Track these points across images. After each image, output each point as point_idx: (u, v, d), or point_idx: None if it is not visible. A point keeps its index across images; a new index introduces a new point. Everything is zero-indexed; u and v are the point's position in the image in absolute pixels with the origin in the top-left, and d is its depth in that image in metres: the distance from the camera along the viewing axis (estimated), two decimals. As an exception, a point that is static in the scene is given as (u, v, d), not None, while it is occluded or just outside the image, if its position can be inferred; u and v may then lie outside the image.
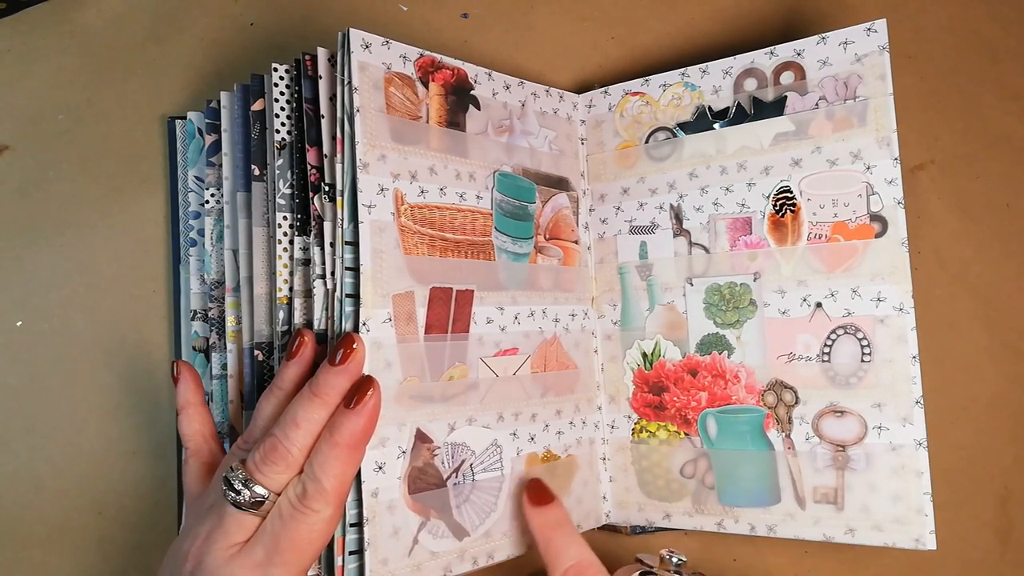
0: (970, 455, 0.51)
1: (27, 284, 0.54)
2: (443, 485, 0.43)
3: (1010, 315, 0.52)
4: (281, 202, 0.44)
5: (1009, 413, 0.51)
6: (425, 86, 0.45)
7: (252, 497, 0.37)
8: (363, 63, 0.41)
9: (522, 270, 0.48)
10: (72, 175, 0.55)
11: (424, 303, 0.43)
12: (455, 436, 0.44)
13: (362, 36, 0.42)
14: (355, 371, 0.39)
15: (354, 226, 0.41)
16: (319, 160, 0.43)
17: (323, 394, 0.38)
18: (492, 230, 0.47)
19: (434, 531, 0.42)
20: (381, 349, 0.41)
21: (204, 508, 0.39)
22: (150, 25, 0.57)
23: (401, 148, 0.43)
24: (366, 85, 0.41)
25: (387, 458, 0.41)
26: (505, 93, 0.49)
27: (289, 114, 0.45)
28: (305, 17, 0.57)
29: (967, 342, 0.51)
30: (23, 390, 0.53)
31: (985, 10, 0.54)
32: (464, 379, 0.44)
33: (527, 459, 0.47)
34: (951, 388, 0.51)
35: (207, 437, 0.44)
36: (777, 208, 0.48)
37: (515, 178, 0.48)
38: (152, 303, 0.54)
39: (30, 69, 0.56)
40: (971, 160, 0.53)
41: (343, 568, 0.39)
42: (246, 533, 0.37)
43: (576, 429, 0.50)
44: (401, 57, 0.44)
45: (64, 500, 0.52)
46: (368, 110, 0.41)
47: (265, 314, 0.45)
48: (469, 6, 0.57)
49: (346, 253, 0.41)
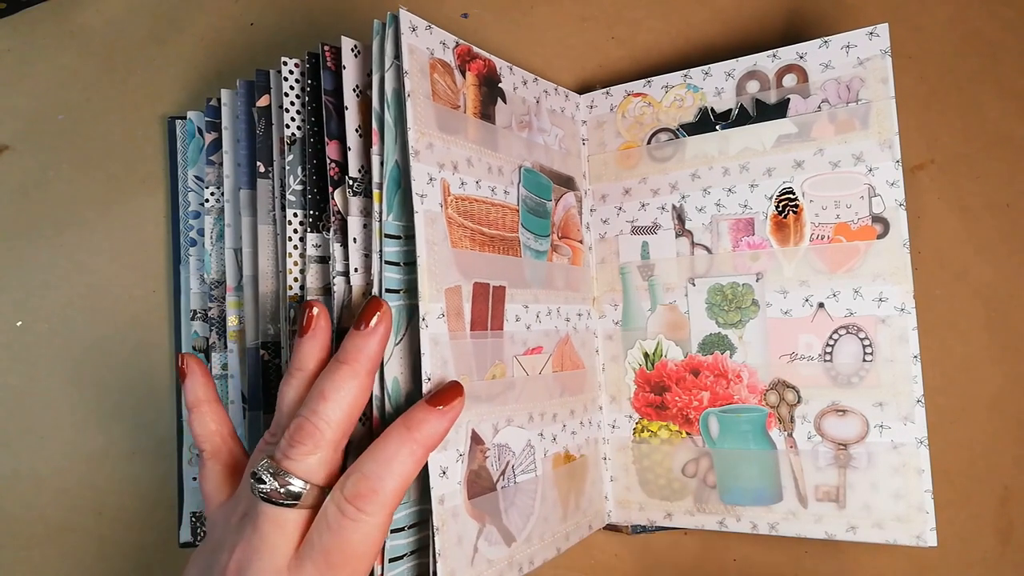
0: (971, 455, 0.51)
1: (27, 284, 0.54)
2: (494, 489, 0.41)
3: (1010, 315, 0.52)
4: (291, 198, 0.43)
5: (1009, 413, 0.51)
6: (463, 75, 0.43)
7: (284, 486, 0.33)
8: (412, 46, 0.40)
9: (542, 268, 0.48)
10: (72, 175, 0.55)
11: (469, 298, 0.41)
12: (499, 437, 0.42)
13: (410, 18, 0.40)
14: (384, 333, 0.35)
15: (397, 218, 0.39)
16: (341, 154, 0.41)
17: (352, 360, 0.35)
18: (519, 226, 0.46)
19: (489, 538, 0.40)
20: (438, 345, 0.38)
21: (236, 517, 0.35)
22: (150, 25, 0.57)
23: (445, 137, 0.41)
24: (415, 69, 0.39)
25: (449, 462, 0.38)
26: (523, 88, 0.48)
27: (299, 109, 0.44)
28: (305, 17, 0.57)
29: (968, 342, 0.51)
30: (23, 390, 0.53)
31: (985, 10, 0.54)
32: (504, 378, 0.43)
33: (553, 459, 0.46)
34: (952, 388, 0.51)
35: (225, 437, 0.39)
36: (780, 209, 0.49)
37: (537, 174, 0.48)
38: (152, 303, 0.54)
39: (30, 69, 0.56)
40: (971, 160, 0.53)
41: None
42: (287, 535, 0.33)
43: (585, 429, 0.50)
44: (441, 44, 0.42)
45: (64, 500, 0.52)
46: (417, 95, 0.39)
47: (271, 313, 0.44)
48: (469, 6, 0.57)
49: (386, 247, 0.38)
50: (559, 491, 0.47)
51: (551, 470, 0.46)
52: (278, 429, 0.36)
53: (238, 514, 0.35)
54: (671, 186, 0.51)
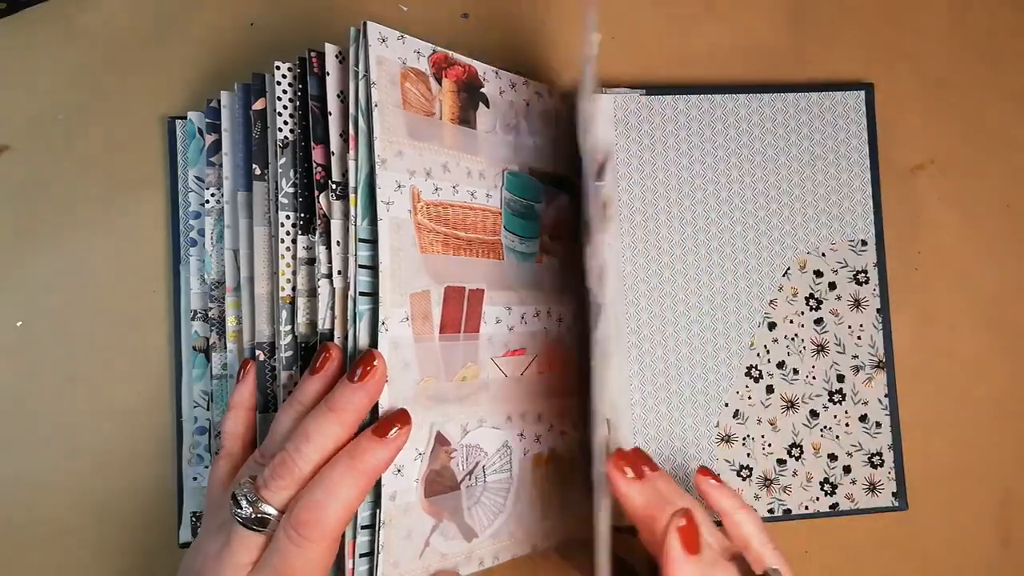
0: (970, 455, 0.51)
1: (27, 284, 0.54)
2: (457, 488, 0.43)
3: (1011, 315, 0.52)
4: (284, 201, 0.43)
5: (1009, 413, 0.51)
6: (439, 82, 0.44)
7: (256, 514, 0.36)
8: (381, 57, 0.41)
9: (529, 270, 0.48)
10: (72, 175, 0.55)
11: (439, 302, 0.42)
12: (469, 438, 0.43)
13: (379, 29, 0.41)
14: (374, 389, 0.38)
15: (371, 223, 0.40)
16: (325, 158, 0.42)
17: (339, 409, 0.37)
18: (501, 229, 0.47)
19: (445, 533, 0.42)
20: (399, 349, 0.40)
21: (216, 523, 0.38)
22: (150, 25, 0.57)
23: (417, 144, 0.42)
24: (384, 80, 0.41)
25: (405, 460, 0.40)
26: (511, 91, 0.48)
27: (292, 112, 0.44)
28: (305, 17, 0.57)
29: (967, 342, 0.51)
30: (23, 390, 0.53)
31: (985, 11, 0.54)
32: (476, 379, 0.44)
33: (533, 459, 0.47)
34: (951, 388, 0.51)
35: (246, 443, 0.43)
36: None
37: (523, 177, 0.48)
38: (152, 303, 0.54)
39: (30, 69, 0.56)
40: (971, 160, 0.53)
41: (353, 571, 0.39)
42: (251, 554, 0.36)
43: (579, 430, 0.50)
44: (415, 52, 0.43)
45: (64, 500, 0.52)
46: (386, 105, 0.41)
47: (267, 314, 0.45)
48: (469, 6, 0.57)
49: (360, 251, 0.40)
50: (538, 490, 0.47)
51: (530, 470, 0.46)
52: (267, 451, 0.39)
53: (219, 521, 0.38)
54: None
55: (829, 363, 0.51)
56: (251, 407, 0.44)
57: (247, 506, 0.36)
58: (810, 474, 0.50)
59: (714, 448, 0.50)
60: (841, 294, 0.51)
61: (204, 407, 0.50)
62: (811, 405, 0.50)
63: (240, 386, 0.44)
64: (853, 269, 0.51)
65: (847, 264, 0.51)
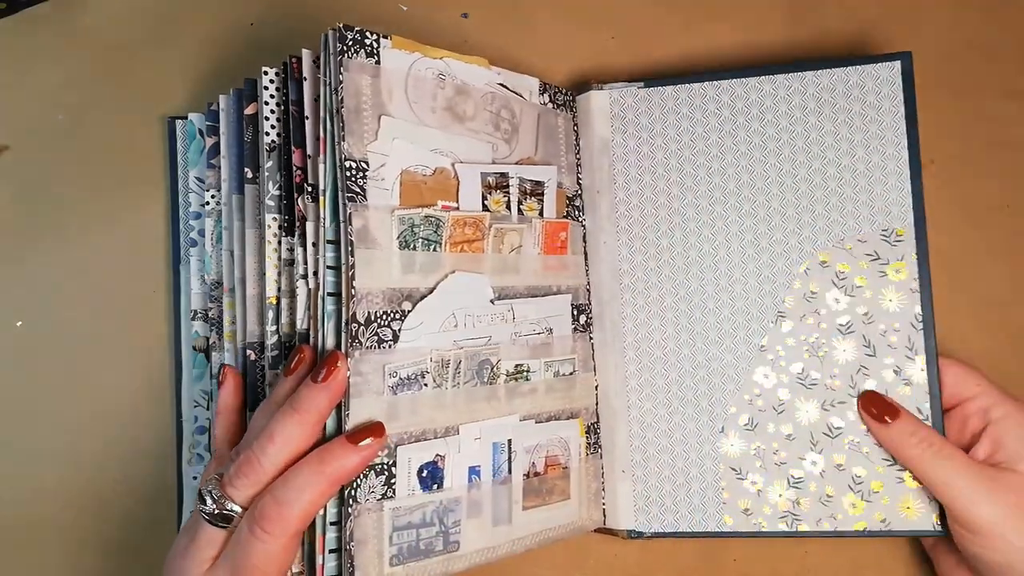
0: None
1: (27, 284, 0.54)
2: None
3: (1010, 315, 0.52)
4: (270, 204, 0.44)
5: (1009, 413, 0.51)
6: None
7: (220, 510, 0.37)
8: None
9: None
10: (72, 175, 0.55)
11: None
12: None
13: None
14: (336, 390, 0.38)
15: (336, 225, 0.40)
16: (303, 161, 0.43)
17: (302, 410, 0.38)
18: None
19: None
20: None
21: (192, 519, 0.39)
22: (150, 25, 0.57)
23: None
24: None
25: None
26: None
27: (279, 116, 0.45)
28: (305, 17, 0.57)
29: (967, 342, 0.51)
30: (23, 390, 0.53)
31: (984, 10, 0.54)
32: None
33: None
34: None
35: (232, 446, 0.44)
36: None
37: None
38: (152, 303, 0.54)
39: (30, 69, 0.56)
40: (971, 160, 0.53)
41: (323, 567, 0.39)
42: (214, 549, 0.37)
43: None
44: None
45: (64, 500, 0.52)
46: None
47: (256, 315, 0.45)
48: (469, 6, 0.57)
49: (327, 251, 0.40)
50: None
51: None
52: (241, 450, 0.39)
53: (193, 517, 0.39)
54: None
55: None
56: (235, 409, 0.45)
57: (211, 503, 0.37)
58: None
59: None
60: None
61: (204, 407, 0.50)
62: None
63: (222, 391, 0.45)
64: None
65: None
